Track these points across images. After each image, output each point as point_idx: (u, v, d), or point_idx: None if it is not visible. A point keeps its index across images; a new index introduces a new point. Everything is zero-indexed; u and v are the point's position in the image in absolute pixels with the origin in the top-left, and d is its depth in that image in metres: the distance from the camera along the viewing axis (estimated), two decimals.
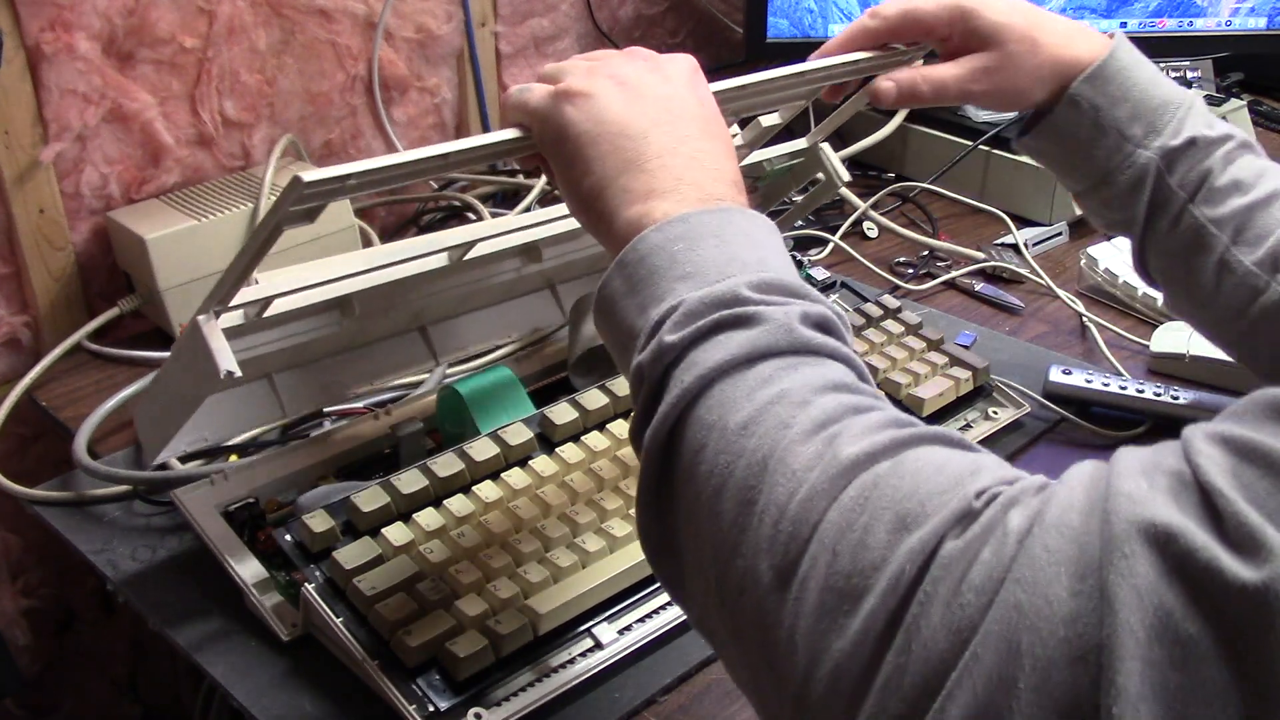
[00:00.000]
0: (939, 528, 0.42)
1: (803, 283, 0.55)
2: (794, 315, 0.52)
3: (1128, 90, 0.79)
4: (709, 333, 0.51)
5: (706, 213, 0.56)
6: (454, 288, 0.85)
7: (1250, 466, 0.39)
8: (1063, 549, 0.39)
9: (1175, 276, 0.82)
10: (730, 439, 0.48)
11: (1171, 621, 0.37)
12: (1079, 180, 0.83)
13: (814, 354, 0.51)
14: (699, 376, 0.50)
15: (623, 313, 0.55)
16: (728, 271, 0.53)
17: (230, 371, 0.64)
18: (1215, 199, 0.79)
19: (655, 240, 0.55)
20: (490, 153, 0.63)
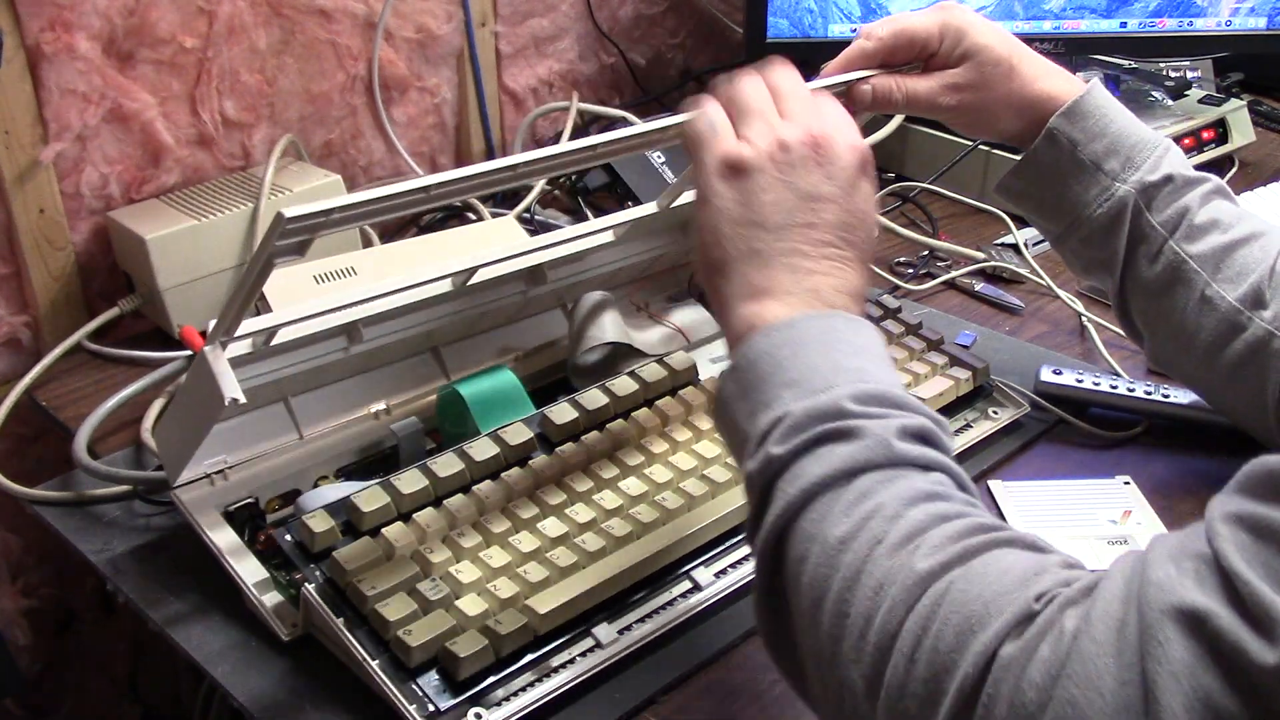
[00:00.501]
0: (1001, 630, 0.46)
1: (904, 393, 0.58)
2: (892, 429, 0.55)
3: (1105, 126, 0.81)
4: (811, 446, 0.54)
5: (812, 318, 0.59)
6: (461, 310, 0.86)
7: (1265, 545, 0.42)
8: (1108, 640, 0.43)
9: (1156, 316, 0.82)
10: (829, 553, 0.52)
11: (1211, 701, 0.40)
12: (1058, 220, 0.84)
13: (910, 466, 0.54)
14: (802, 490, 0.54)
15: (735, 415, 0.59)
16: (831, 381, 0.56)
17: (235, 399, 0.67)
18: (1195, 235, 0.80)
19: (763, 346, 0.58)
20: (471, 186, 0.65)
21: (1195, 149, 1.36)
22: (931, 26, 0.81)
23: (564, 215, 1.29)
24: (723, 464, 0.81)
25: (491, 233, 1.14)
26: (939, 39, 0.82)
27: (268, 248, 0.60)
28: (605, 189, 1.30)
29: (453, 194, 0.64)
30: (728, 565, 0.76)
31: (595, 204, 1.28)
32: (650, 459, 0.80)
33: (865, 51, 0.83)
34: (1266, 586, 0.41)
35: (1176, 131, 1.35)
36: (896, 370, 0.63)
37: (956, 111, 0.83)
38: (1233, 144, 1.40)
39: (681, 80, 1.60)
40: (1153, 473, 0.87)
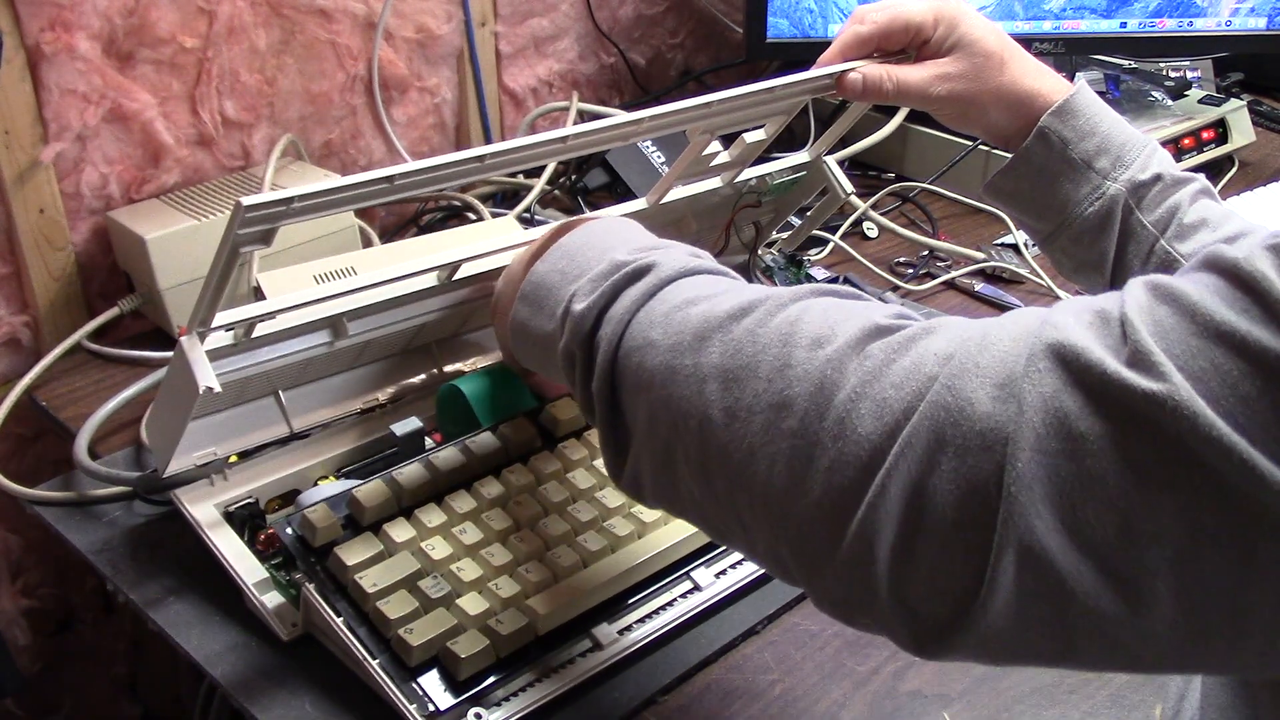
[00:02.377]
0: (854, 339, 0.50)
1: (671, 241, 0.64)
2: (674, 254, 0.61)
3: (1095, 125, 0.82)
4: (612, 295, 0.59)
5: (573, 233, 0.66)
6: (452, 306, 0.86)
7: (1164, 306, 0.45)
8: (991, 366, 0.46)
9: None
10: (660, 343, 0.55)
11: (1067, 421, 0.44)
12: (1048, 219, 0.84)
13: (701, 271, 0.60)
14: (618, 322, 0.58)
15: (536, 328, 0.64)
16: (606, 255, 0.62)
17: (210, 388, 0.67)
18: (1185, 234, 0.81)
19: (542, 267, 0.64)
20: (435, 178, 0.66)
21: (1195, 149, 1.37)
22: (926, 14, 0.82)
23: (564, 215, 1.29)
24: None
25: (491, 233, 1.14)
26: (933, 26, 0.82)
27: (230, 237, 0.61)
28: (605, 188, 1.30)
29: (416, 185, 0.66)
30: (728, 565, 0.76)
31: (595, 204, 1.28)
32: None
33: (860, 36, 0.83)
34: (1151, 336, 0.44)
35: (1176, 131, 1.35)
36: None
37: (947, 102, 0.83)
38: (1233, 144, 1.40)
39: (681, 80, 1.60)
40: None
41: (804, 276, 1.06)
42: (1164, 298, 0.45)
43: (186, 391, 0.69)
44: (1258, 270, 0.43)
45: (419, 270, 0.80)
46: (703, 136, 0.82)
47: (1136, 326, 0.44)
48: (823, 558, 0.48)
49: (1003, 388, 0.45)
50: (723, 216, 0.99)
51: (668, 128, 0.77)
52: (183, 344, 0.69)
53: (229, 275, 0.65)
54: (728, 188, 0.95)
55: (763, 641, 0.73)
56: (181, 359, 0.69)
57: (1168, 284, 0.46)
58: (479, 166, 0.67)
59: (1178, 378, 0.42)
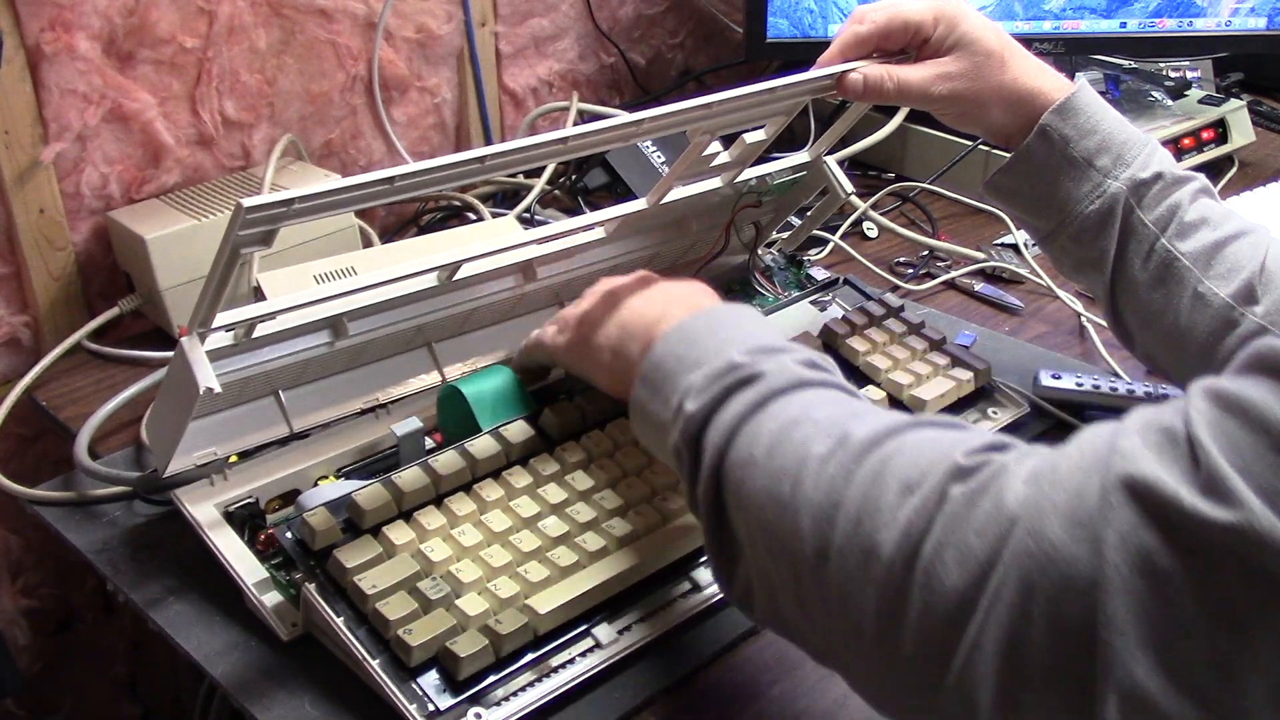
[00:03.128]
0: (937, 485, 0.50)
1: (787, 342, 0.64)
2: (786, 363, 0.61)
3: (1096, 124, 0.82)
4: (721, 398, 0.60)
5: (694, 316, 0.67)
6: (452, 305, 0.86)
7: (1233, 420, 0.44)
8: (1067, 504, 0.45)
9: (1148, 314, 0.82)
10: (760, 466, 0.56)
11: (1149, 559, 0.43)
12: (1048, 217, 0.84)
13: (811, 385, 0.60)
14: (724, 431, 0.59)
15: (653, 413, 0.65)
16: (721, 350, 0.63)
17: (210, 388, 0.68)
18: (1186, 233, 0.81)
19: (661, 349, 0.66)
20: (436, 179, 0.66)
21: (1195, 149, 1.37)
22: (926, 13, 0.82)
23: (564, 215, 1.29)
24: None
25: (491, 233, 1.14)
26: (933, 25, 0.82)
27: (231, 238, 0.62)
28: (605, 188, 1.30)
29: (416, 186, 0.66)
30: None
31: (595, 204, 1.28)
32: (652, 458, 0.80)
33: (859, 36, 0.83)
34: (1223, 457, 0.43)
35: (1176, 131, 1.35)
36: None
37: (948, 101, 0.83)
38: (1233, 144, 1.40)
39: (681, 80, 1.60)
40: None
41: (804, 276, 1.06)
42: (1231, 409, 0.44)
43: (187, 392, 0.69)
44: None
45: (419, 270, 0.80)
46: (703, 137, 0.82)
47: (1207, 447, 0.43)
48: (922, 708, 0.48)
49: (1082, 526, 0.44)
50: (723, 217, 0.99)
51: (668, 128, 0.77)
52: (183, 344, 0.69)
53: (229, 276, 0.65)
54: (728, 188, 0.95)
55: (763, 641, 0.73)
56: (182, 359, 0.69)
57: (1233, 394, 0.45)
58: (479, 168, 0.68)
59: (1255, 503, 0.41)
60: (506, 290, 0.89)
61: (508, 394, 0.84)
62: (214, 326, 0.70)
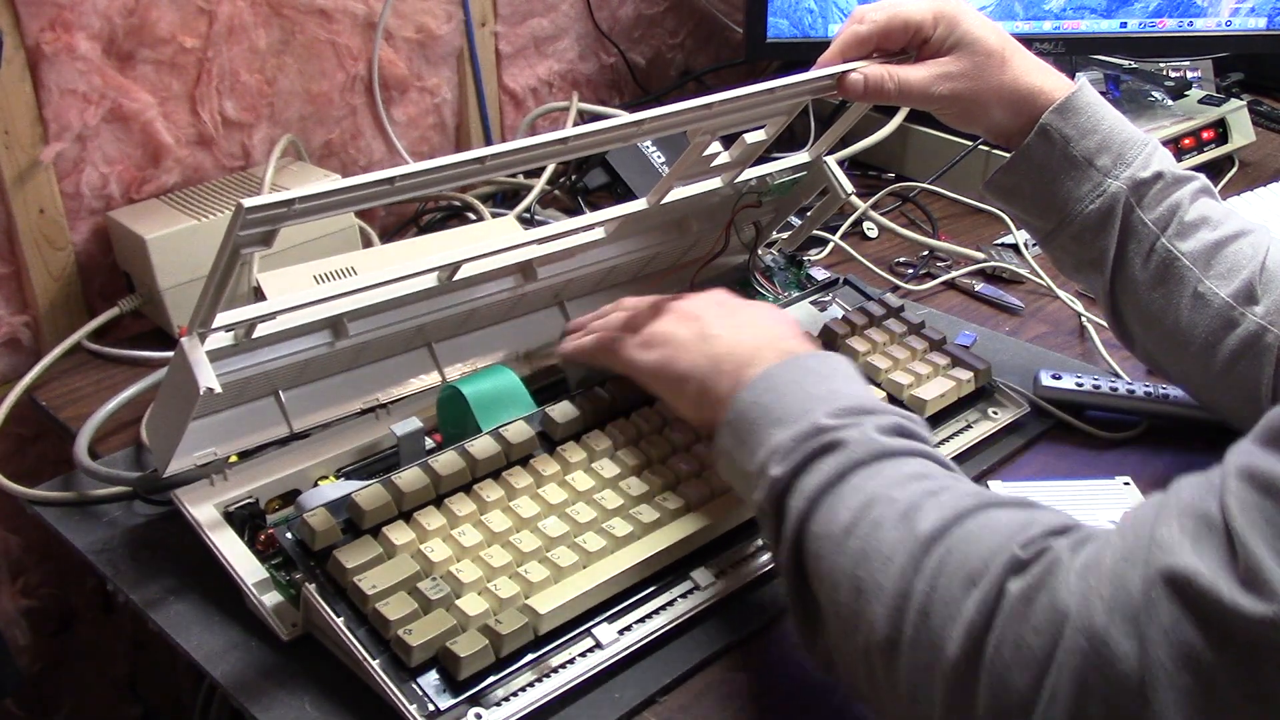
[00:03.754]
0: (997, 580, 0.51)
1: (874, 400, 0.66)
2: (869, 430, 0.62)
3: (1096, 123, 0.82)
4: (805, 464, 0.62)
5: (782, 365, 0.68)
6: (452, 306, 0.86)
7: (1269, 500, 0.45)
8: (1112, 597, 0.47)
9: (1148, 314, 0.82)
10: (839, 543, 0.58)
11: (1193, 654, 0.44)
12: (1048, 216, 0.84)
13: (893, 456, 0.61)
14: (806, 499, 0.61)
15: (738, 461, 0.67)
16: (807, 408, 0.64)
17: (210, 389, 0.68)
18: (1186, 233, 0.81)
19: (748, 397, 0.67)
20: (436, 179, 0.66)
21: (1195, 149, 1.36)
22: (925, 13, 0.82)
23: (564, 216, 1.29)
24: None
25: (491, 233, 1.14)
26: (933, 25, 0.82)
27: (231, 239, 0.62)
28: (605, 189, 1.30)
29: (417, 187, 0.66)
30: (728, 565, 0.76)
31: (595, 204, 1.28)
32: (651, 458, 0.80)
33: (859, 36, 0.83)
34: (1264, 547, 0.43)
35: (1176, 131, 1.35)
36: (865, 383, 0.70)
37: (949, 101, 0.83)
38: (1233, 144, 1.40)
39: (681, 80, 1.60)
40: (1153, 473, 0.87)
41: (804, 276, 1.06)
42: (1266, 489, 0.45)
43: (187, 392, 0.69)
44: None
45: (419, 270, 0.80)
46: (703, 137, 0.82)
47: (1245, 537, 0.44)
48: None
49: (1128, 621, 0.46)
50: (723, 217, 0.99)
51: (668, 129, 0.77)
52: (183, 344, 0.69)
53: (229, 276, 0.65)
54: (728, 188, 0.95)
55: (763, 641, 0.73)
56: (182, 359, 0.69)
57: (1267, 473, 0.46)
58: (479, 168, 0.68)
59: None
60: (506, 290, 0.89)
61: (508, 394, 0.84)
62: (214, 327, 0.70)
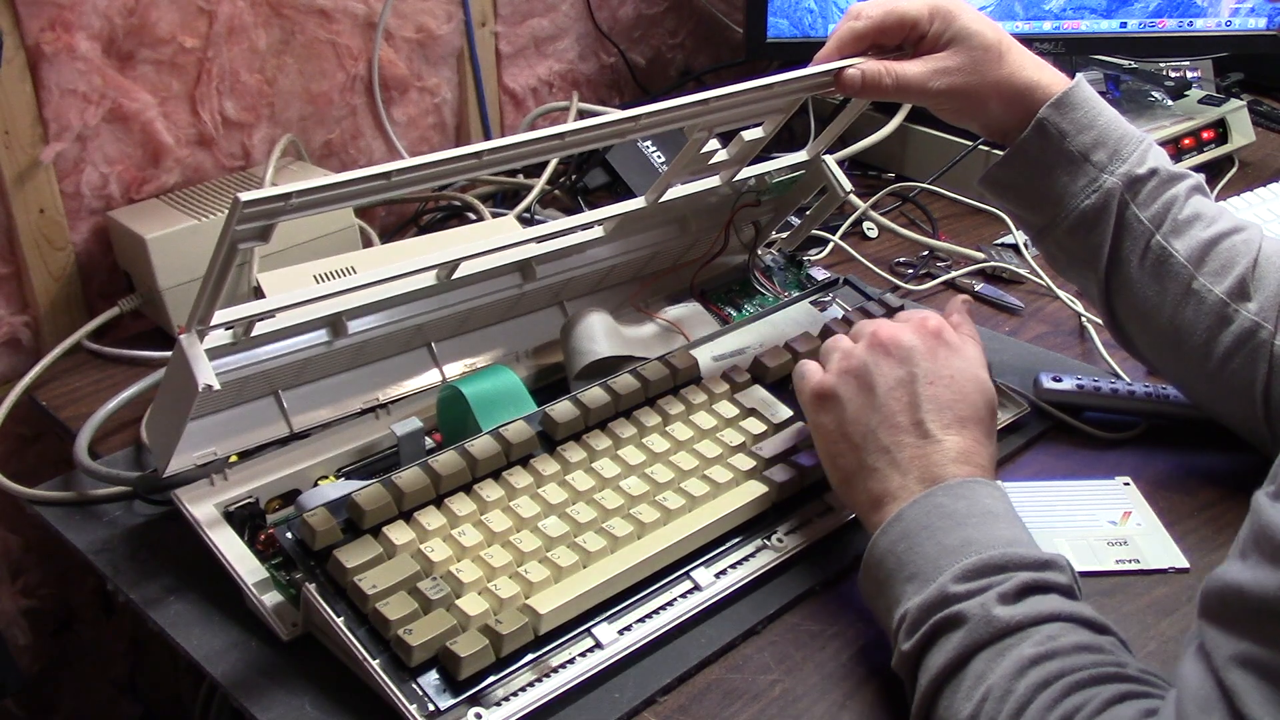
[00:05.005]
0: None
1: (1008, 550, 0.64)
2: (992, 600, 0.61)
3: (1093, 119, 0.82)
4: (929, 640, 0.62)
5: (916, 504, 0.67)
6: (452, 305, 0.86)
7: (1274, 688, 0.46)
8: None
9: (1144, 312, 0.83)
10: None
11: None
12: (1043, 211, 0.84)
13: (1014, 632, 0.60)
14: (931, 681, 0.61)
15: (878, 609, 0.68)
16: (939, 566, 0.64)
17: (209, 386, 0.67)
18: (1180, 230, 0.81)
19: (883, 544, 0.67)
20: (433, 174, 0.66)
21: (1195, 149, 1.36)
22: (921, 9, 0.82)
23: (564, 215, 1.29)
24: (724, 464, 0.81)
25: (491, 232, 1.14)
26: (929, 21, 0.82)
27: (229, 233, 0.61)
28: (605, 188, 1.30)
29: (414, 181, 0.66)
30: (728, 565, 0.76)
31: (595, 203, 1.28)
32: (651, 458, 0.80)
33: (855, 31, 0.83)
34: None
35: (1176, 132, 1.35)
36: (1008, 516, 0.67)
37: (946, 96, 0.83)
38: (1233, 144, 1.40)
39: (681, 80, 1.60)
40: (1153, 473, 0.87)
41: (804, 276, 1.06)
42: (1267, 675, 0.47)
43: (186, 390, 0.69)
44: None
45: (418, 269, 0.80)
46: (701, 134, 0.82)
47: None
48: None
49: None
50: (722, 216, 0.99)
51: (665, 125, 0.77)
52: (182, 342, 0.69)
53: (228, 272, 0.65)
54: (727, 187, 0.95)
55: (763, 641, 0.73)
56: (181, 357, 0.69)
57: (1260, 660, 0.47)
58: (477, 163, 0.67)
59: None
60: (506, 289, 0.89)
61: (508, 394, 0.84)
62: (213, 324, 0.69)
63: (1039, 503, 0.84)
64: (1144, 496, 0.85)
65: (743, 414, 0.86)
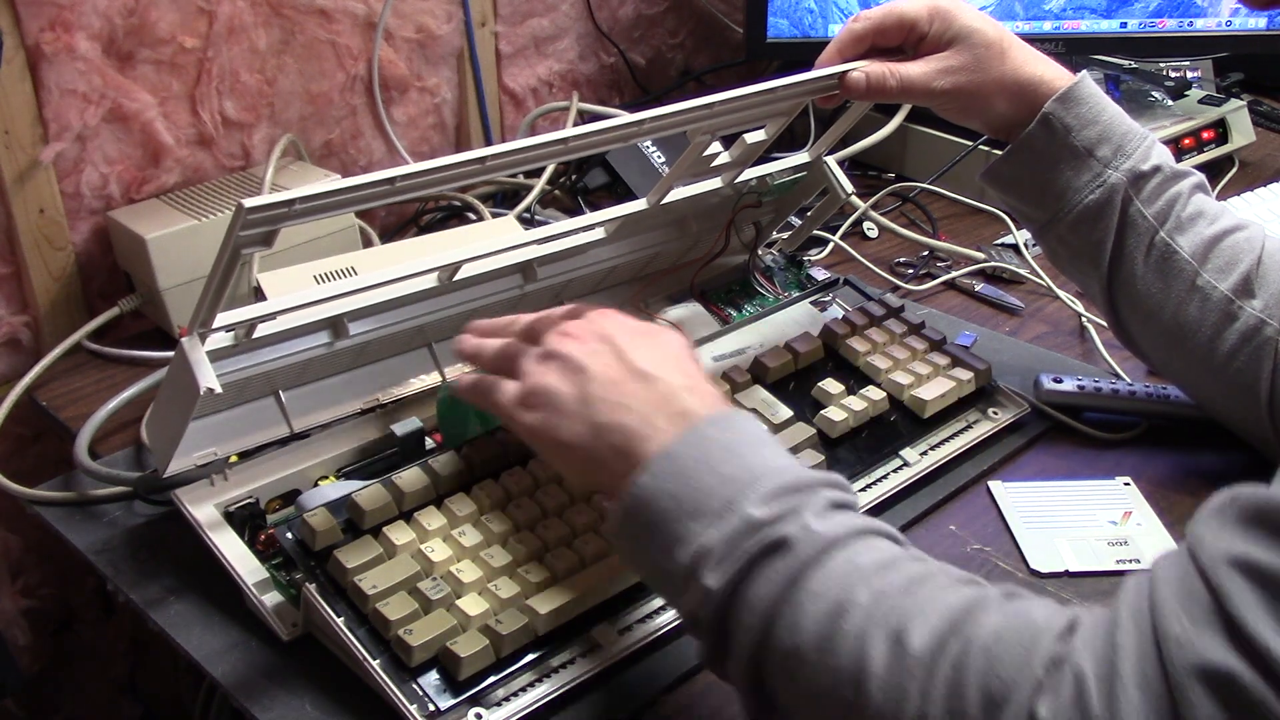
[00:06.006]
0: (1024, 705, 0.49)
1: (795, 469, 0.59)
2: (808, 520, 0.56)
3: (1098, 114, 0.82)
4: (747, 571, 0.56)
5: (685, 443, 0.60)
6: (453, 306, 0.86)
7: (1273, 597, 0.45)
8: (1141, 701, 0.46)
9: (1147, 309, 0.83)
10: (813, 661, 0.54)
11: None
12: (1047, 206, 0.84)
13: (840, 544, 0.56)
14: (759, 614, 0.55)
15: (648, 555, 0.60)
16: (729, 497, 0.57)
17: (210, 389, 0.67)
18: (1184, 226, 0.81)
19: (650, 486, 0.59)
20: (437, 179, 0.66)
21: (1195, 149, 1.37)
22: (921, 9, 0.83)
23: (564, 215, 1.29)
24: None
25: (491, 233, 1.14)
26: (929, 21, 0.82)
27: (231, 239, 0.62)
28: (605, 188, 1.30)
29: (417, 187, 0.66)
30: None
31: (595, 204, 1.28)
32: None
33: (855, 33, 0.84)
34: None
35: (1176, 132, 1.35)
36: (776, 442, 0.63)
37: (950, 95, 0.83)
38: (1233, 144, 1.40)
39: (681, 80, 1.60)
40: (1153, 473, 0.87)
41: (804, 276, 1.06)
42: (1264, 583, 0.46)
43: (187, 392, 0.69)
44: None
45: (419, 271, 0.80)
46: (703, 137, 0.82)
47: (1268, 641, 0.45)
48: None
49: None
50: (723, 217, 0.99)
51: (669, 129, 0.77)
52: (184, 345, 0.69)
53: (230, 276, 0.65)
54: (728, 188, 0.95)
55: None
56: (182, 359, 0.69)
57: (1259, 566, 0.46)
58: (480, 168, 0.68)
59: None
60: (507, 291, 0.89)
61: None
62: (214, 327, 0.70)
63: (1039, 503, 0.84)
64: (1144, 496, 0.85)
65: None
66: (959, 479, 0.87)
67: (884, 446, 0.87)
